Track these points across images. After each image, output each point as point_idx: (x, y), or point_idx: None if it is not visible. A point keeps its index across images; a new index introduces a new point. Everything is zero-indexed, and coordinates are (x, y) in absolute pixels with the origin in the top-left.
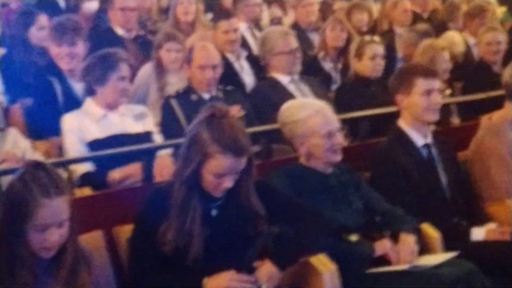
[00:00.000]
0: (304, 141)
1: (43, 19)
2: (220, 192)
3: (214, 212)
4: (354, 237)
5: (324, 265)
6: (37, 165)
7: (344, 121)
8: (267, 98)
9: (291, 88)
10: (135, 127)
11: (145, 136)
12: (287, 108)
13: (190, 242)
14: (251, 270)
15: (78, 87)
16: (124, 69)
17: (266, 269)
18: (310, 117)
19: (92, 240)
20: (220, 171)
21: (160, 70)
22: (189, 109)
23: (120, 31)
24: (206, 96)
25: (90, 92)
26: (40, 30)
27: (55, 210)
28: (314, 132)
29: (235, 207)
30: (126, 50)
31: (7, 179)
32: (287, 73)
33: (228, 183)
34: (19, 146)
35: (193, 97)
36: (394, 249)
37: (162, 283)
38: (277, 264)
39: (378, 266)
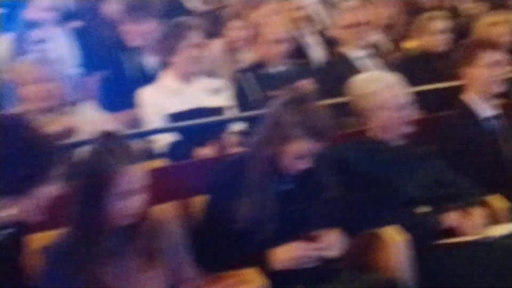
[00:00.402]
0: (374, 114)
1: None
2: (296, 172)
3: (286, 186)
4: (423, 209)
5: (393, 236)
6: (110, 135)
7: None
8: (335, 73)
9: (360, 63)
10: (211, 101)
11: (220, 110)
12: (356, 81)
13: (262, 220)
14: (316, 238)
15: (149, 61)
16: (194, 36)
17: (333, 238)
18: (381, 90)
19: (168, 210)
20: (301, 153)
21: (230, 46)
22: (260, 83)
23: (189, 5)
24: (276, 70)
25: (163, 65)
26: (112, 5)
27: (134, 178)
28: (384, 105)
29: (306, 179)
30: None
31: (80, 151)
32: (356, 47)
33: (306, 164)
34: (94, 119)
35: (264, 71)
36: (462, 221)
37: (228, 254)
38: (344, 233)
39: (447, 238)
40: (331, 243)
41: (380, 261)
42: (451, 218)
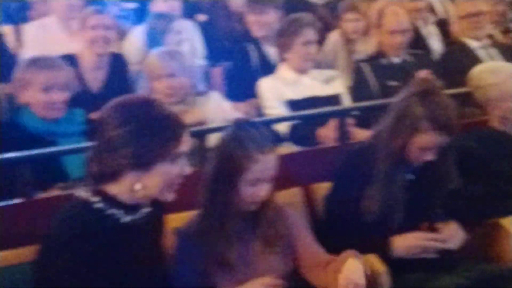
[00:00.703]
0: (498, 104)
1: None
2: (420, 163)
3: (409, 176)
4: None
5: None
6: (247, 122)
7: None
8: (456, 63)
9: (481, 53)
10: (325, 90)
11: (335, 99)
12: (480, 72)
13: (389, 209)
14: (436, 230)
15: (272, 52)
16: (309, 34)
17: (453, 230)
18: (505, 81)
19: (291, 196)
20: (427, 145)
21: (346, 38)
22: (379, 73)
23: None
24: (396, 60)
25: (281, 58)
26: None
27: (267, 165)
28: (506, 97)
29: (428, 169)
30: (316, 15)
31: (211, 137)
32: (475, 38)
33: (432, 156)
34: (221, 108)
35: (383, 61)
36: None
37: (351, 240)
38: (464, 224)
39: None
40: (451, 235)
41: (501, 251)
42: None
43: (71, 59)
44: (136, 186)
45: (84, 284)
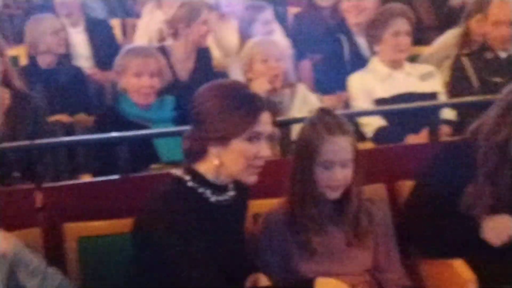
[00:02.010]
0: None
1: None
2: None
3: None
4: None
5: None
6: (324, 110)
7: None
8: None
9: None
10: (422, 87)
11: (431, 96)
12: None
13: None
14: None
15: (364, 43)
16: (399, 24)
17: None
18: None
19: (375, 192)
20: None
21: (468, 38)
22: (482, 68)
23: None
24: (503, 54)
25: (373, 52)
26: None
27: (338, 147)
28: None
29: None
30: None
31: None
32: None
33: None
34: (308, 101)
35: (488, 55)
36: None
37: (441, 238)
38: None
39: None
40: None
41: None
42: None
43: (163, 50)
44: (214, 161)
45: (175, 257)
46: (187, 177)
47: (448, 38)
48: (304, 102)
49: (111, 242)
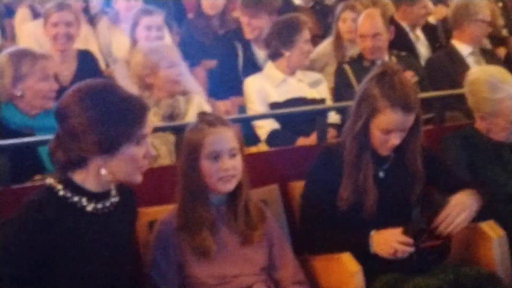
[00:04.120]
0: (488, 118)
1: None
2: (387, 150)
3: (381, 174)
4: None
5: (493, 230)
6: (205, 113)
7: None
8: (443, 68)
9: (470, 60)
10: (311, 93)
11: (320, 102)
12: (481, 82)
13: (363, 199)
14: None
15: (260, 53)
16: (307, 33)
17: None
18: (504, 100)
19: (268, 193)
20: (388, 126)
21: (339, 42)
22: (361, 75)
23: (297, 1)
24: (379, 62)
25: (272, 57)
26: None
27: (221, 137)
28: (503, 115)
29: (400, 171)
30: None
31: None
32: (473, 44)
33: (395, 140)
34: (203, 108)
35: (366, 63)
36: None
37: (331, 237)
38: None
39: None
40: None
41: (480, 255)
42: None
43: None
44: (102, 171)
45: (36, 270)
46: (59, 186)
47: (325, 46)
48: (199, 109)
49: None
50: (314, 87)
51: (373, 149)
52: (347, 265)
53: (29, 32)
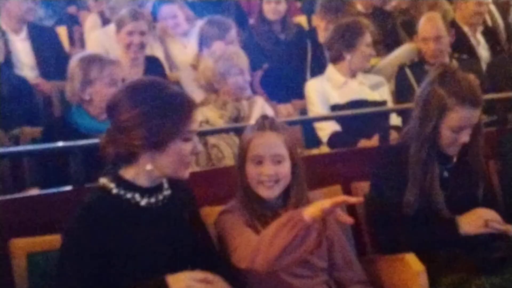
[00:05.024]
0: None
1: None
2: (456, 149)
3: (446, 174)
4: None
5: None
6: (264, 116)
7: None
8: (506, 70)
9: None
10: (373, 95)
11: (381, 104)
12: None
13: (430, 201)
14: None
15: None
16: (369, 36)
17: None
18: None
19: (331, 194)
20: (459, 123)
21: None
22: (422, 78)
23: (359, 7)
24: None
25: (334, 60)
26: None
27: (267, 141)
28: None
29: (464, 170)
30: None
31: None
32: None
33: (465, 137)
34: (265, 112)
35: (427, 66)
36: None
37: (410, 234)
38: None
39: None
40: None
41: None
42: None
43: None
44: (148, 166)
45: (104, 270)
46: (112, 185)
47: (400, 52)
48: (262, 112)
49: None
50: (375, 89)
51: (438, 149)
52: (412, 265)
53: (98, 39)
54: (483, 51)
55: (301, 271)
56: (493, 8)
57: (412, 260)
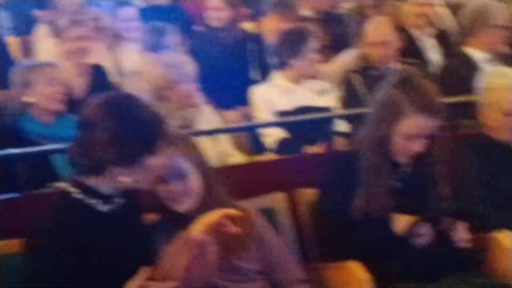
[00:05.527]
0: (485, 111)
1: None
2: (408, 158)
3: (398, 184)
4: None
5: (510, 240)
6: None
7: None
8: (456, 75)
9: (485, 66)
10: (319, 101)
11: (328, 110)
12: (484, 74)
13: (378, 208)
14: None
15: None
16: (315, 42)
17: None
18: (499, 89)
19: (274, 201)
20: (412, 131)
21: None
22: (369, 83)
23: (306, 12)
24: (386, 70)
25: (280, 66)
26: None
27: (166, 160)
28: (496, 106)
29: (419, 182)
30: None
31: None
32: (488, 50)
33: (418, 146)
34: (212, 121)
35: (373, 72)
36: None
37: (347, 243)
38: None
39: None
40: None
41: (496, 266)
42: None
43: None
44: (121, 178)
45: (68, 271)
46: (73, 189)
47: (346, 57)
48: (208, 120)
49: (7, 262)
50: (322, 95)
51: (391, 157)
52: (356, 273)
53: (47, 48)
54: (435, 55)
55: (233, 277)
56: (445, 10)
57: (356, 268)
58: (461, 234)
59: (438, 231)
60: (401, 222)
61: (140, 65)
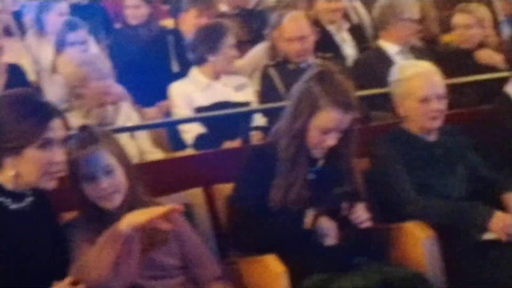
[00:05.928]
0: (401, 102)
1: None
2: (322, 151)
3: (311, 176)
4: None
5: (422, 230)
6: (82, 127)
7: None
8: (371, 69)
9: (398, 59)
10: (237, 96)
11: (245, 105)
12: (396, 67)
13: (294, 200)
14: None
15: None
16: (232, 38)
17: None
18: (412, 78)
19: (193, 197)
20: (327, 124)
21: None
22: (287, 78)
23: (223, 8)
24: (303, 65)
25: (198, 62)
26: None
27: (92, 157)
28: (411, 94)
29: (332, 174)
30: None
31: None
32: (400, 43)
33: (332, 140)
34: (131, 118)
35: (291, 66)
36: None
37: (261, 236)
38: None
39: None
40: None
41: (409, 256)
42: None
43: None
44: (10, 172)
45: None
46: None
47: (258, 51)
48: (127, 117)
49: None
50: (239, 91)
51: (307, 150)
52: (272, 266)
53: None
54: (349, 49)
55: (154, 273)
56: (358, 4)
57: (272, 262)
58: (360, 213)
59: (340, 219)
60: (307, 217)
61: (55, 63)
